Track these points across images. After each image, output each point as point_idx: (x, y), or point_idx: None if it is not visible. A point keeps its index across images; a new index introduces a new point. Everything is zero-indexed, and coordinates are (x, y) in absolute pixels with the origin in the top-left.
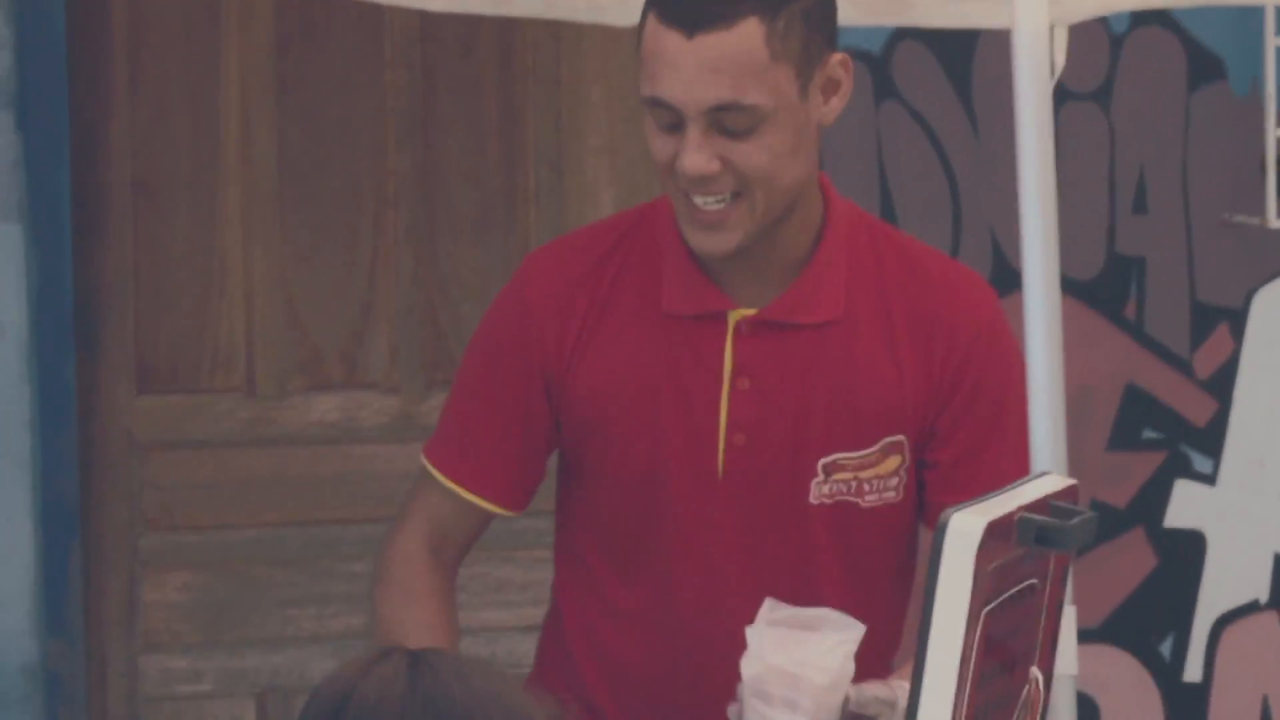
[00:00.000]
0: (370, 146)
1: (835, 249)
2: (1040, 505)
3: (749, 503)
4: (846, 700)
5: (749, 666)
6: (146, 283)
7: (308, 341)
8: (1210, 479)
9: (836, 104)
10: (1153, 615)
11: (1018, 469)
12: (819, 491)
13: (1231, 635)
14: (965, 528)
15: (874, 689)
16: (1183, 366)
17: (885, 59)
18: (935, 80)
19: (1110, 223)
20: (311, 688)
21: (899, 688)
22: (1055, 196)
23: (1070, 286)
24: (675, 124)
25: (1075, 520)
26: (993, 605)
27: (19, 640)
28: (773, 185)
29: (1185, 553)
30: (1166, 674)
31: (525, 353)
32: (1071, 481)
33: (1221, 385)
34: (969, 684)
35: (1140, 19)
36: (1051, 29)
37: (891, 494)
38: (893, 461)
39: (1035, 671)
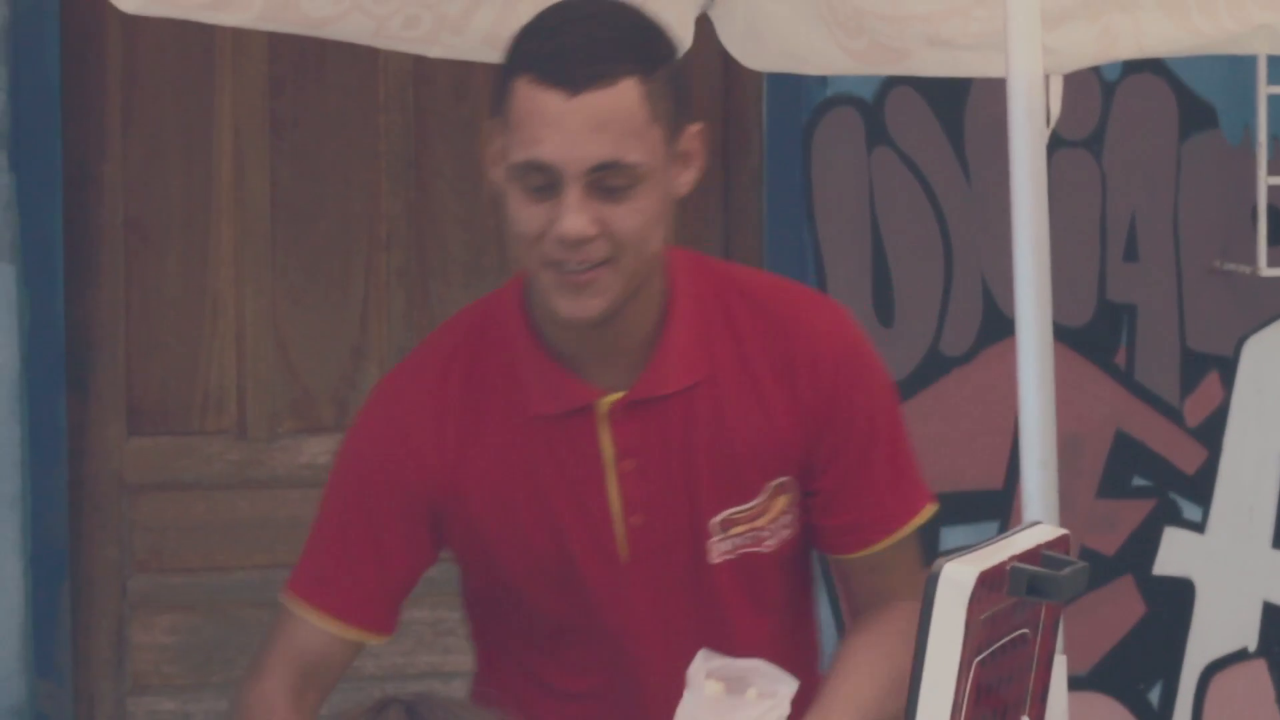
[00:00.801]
0: (363, 188)
1: (686, 312)
2: (1032, 555)
3: (657, 577)
4: None
5: None
6: (138, 323)
7: (299, 383)
8: (1199, 527)
9: (689, 176)
10: (1142, 662)
11: (894, 484)
12: (719, 550)
13: (1220, 683)
14: (957, 577)
15: None
16: (1173, 414)
17: (878, 105)
18: (927, 126)
19: (1101, 270)
20: None
21: None
22: (1049, 245)
23: (1061, 333)
24: (548, 188)
25: (1067, 570)
26: (984, 655)
27: (7, 681)
28: (640, 251)
29: (1174, 600)
30: None
31: (404, 479)
32: (1063, 531)
33: (1211, 433)
34: None
35: (1132, 66)
36: (1046, 78)
37: (787, 531)
38: (782, 501)
39: None
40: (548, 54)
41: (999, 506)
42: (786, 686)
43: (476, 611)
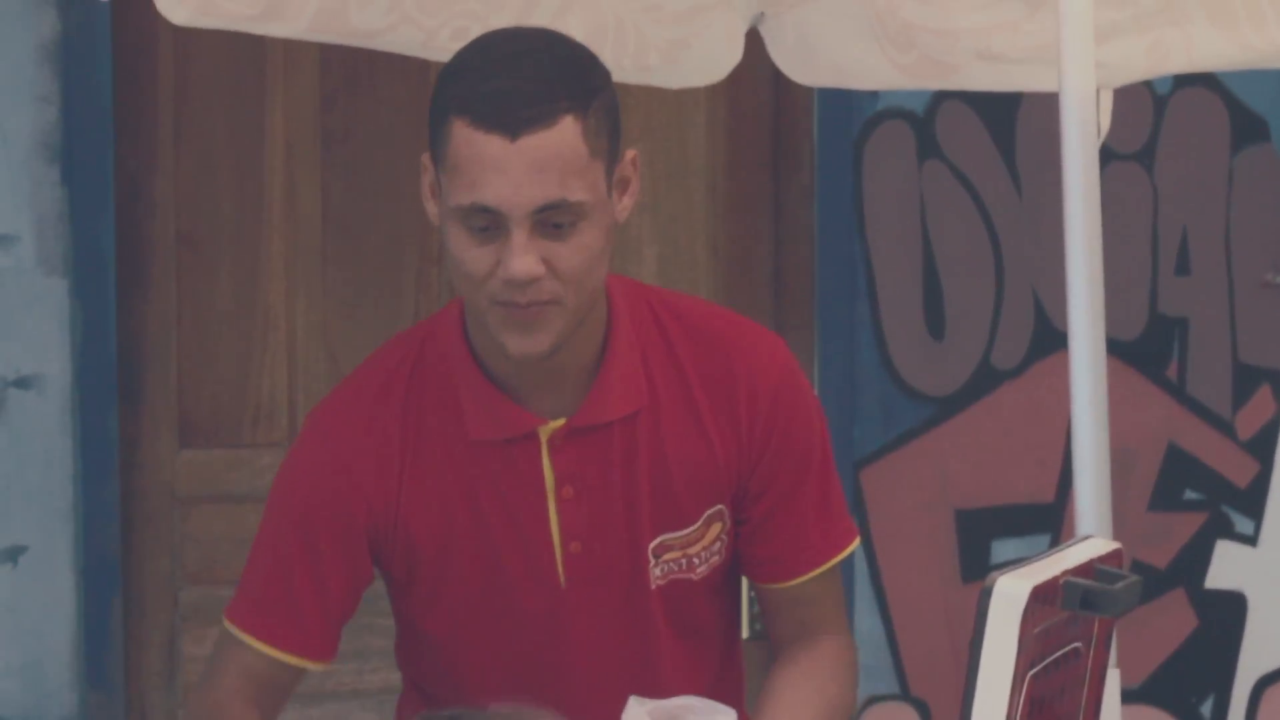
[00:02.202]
0: (414, 201)
1: (626, 339)
2: (1085, 569)
3: (594, 603)
4: None
5: None
6: (189, 336)
7: None
8: (1252, 540)
9: (628, 202)
10: (1194, 676)
11: (822, 517)
12: (654, 575)
13: (1273, 696)
14: (1011, 592)
15: None
16: (1224, 427)
17: (928, 118)
18: (978, 139)
19: (1153, 283)
20: None
21: None
22: (1101, 258)
23: (1112, 346)
24: (492, 229)
25: (1120, 584)
26: (1037, 669)
27: (60, 693)
28: (586, 285)
29: (1226, 613)
30: None
31: (346, 508)
32: (1116, 545)
33: (1263, 446)
34: None
35: (1184, 80)
36: (1098, 92)
37: (717, 558)
38: (715, 530)
39: None
40: (484, 97)
41: (1050, 520)
42: (724, 716)
43: (408, 636)
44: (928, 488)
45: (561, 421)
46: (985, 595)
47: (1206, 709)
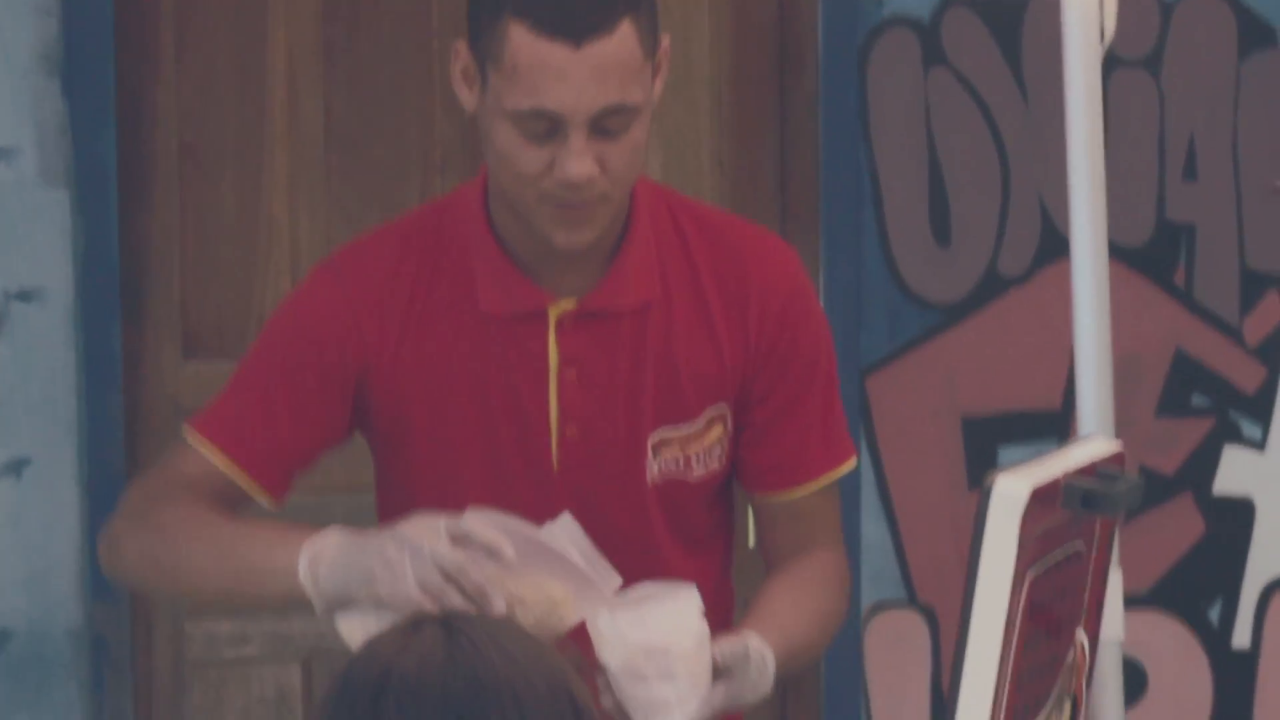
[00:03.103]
0: (417, 113)
1: (644, 231)
2: (1086, 470)
3: (586, 492)
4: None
5: (613, 654)
6: (192, 249)
7: None
8: (1260, 445)
9: (660, 87)
10: (1201, 582)
11: (822, 431)
12: (651, 472)
13: None
14: (1011, 492)
15: (728, 642)
16: (1232, 333)
17: (934, 26)
18: (984, 47)
19: (1160, 189)
20: (343, 669)
21: (747, 635)
22: (1103, 164)
23: (1119, 253)
24: (549, 133)
25: (1121, 485)
26: (1037, 569)
27: (65, 604)
28: (630, 181)
29: (1234, 519)
30: (1215, 640)
31: (343, 345)
32: (1118, 446)
33: (1271, 352)
34: (1013, 647)
35: None
36: None
37: (715, 464)
38: (716, 431)
39: (1080, 635)
40: (546, 2)
41: (1057, 426)
42: (691, 589)
43: (390, 496)
44: (934, 395)
45: (573, 303)
46: (985, 495)
47: (1214, 614)
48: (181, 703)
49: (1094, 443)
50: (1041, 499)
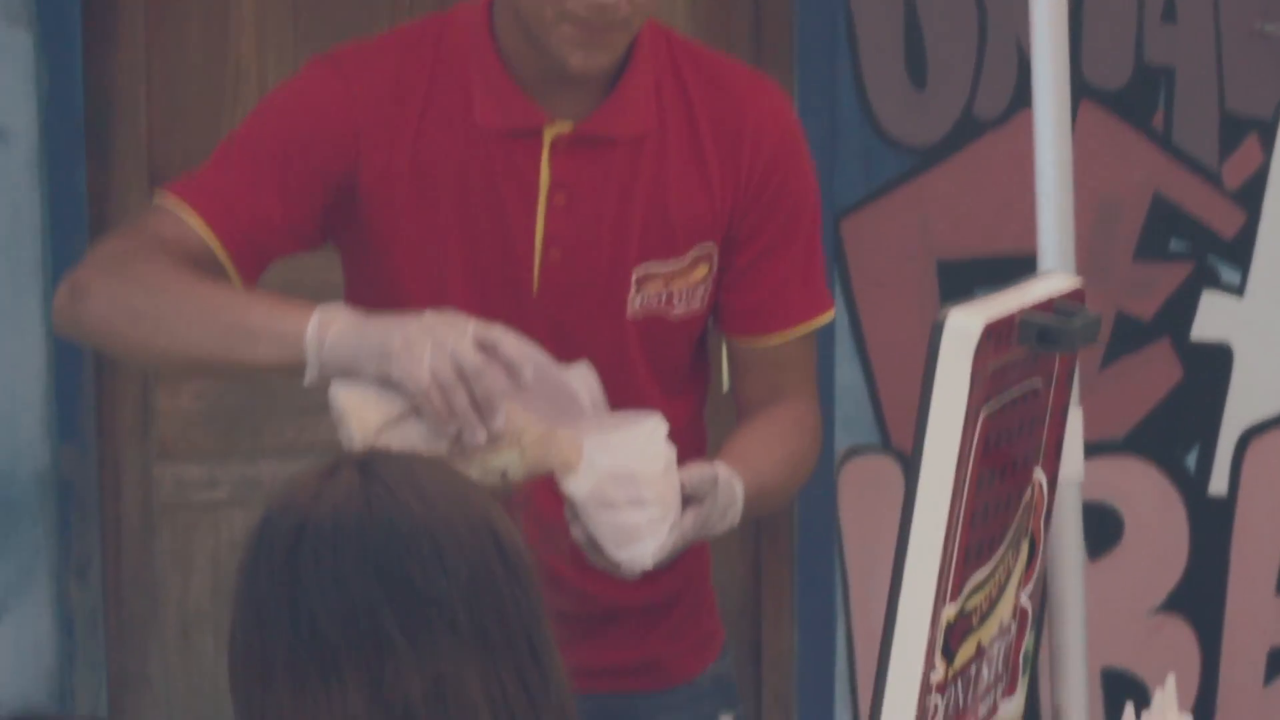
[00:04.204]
0: None
1: (644, 63)
2: (1044, 306)
3: (564, 318)
4: (681, 485)
5: (580, 484)
6: (159, 88)
7: None
8: (1238, 290)
9: None
10: (1178, 428)
11: (803, 279)
12: (632, 305)
13: (1258, 448)
14: (963, 327)
15: (697, 469)
16: (1211, 177)
17: None
18: None
19: (1139, 32)
20: (262, 516)
21: (716, 465)
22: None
23: (1097, 96)
24: None
25: (1079, 321)
26: (991, 407)
27: (31, 446)
28: (651, 12)
29: (1212, 364)
30: (1192, 487)
31: (338, 138)
32: (1078, 282)
33: (1251, 196)
34: (966, 485)
35: None
36: None
37: (697, 304)
38: (701, 270)
39: (1039, 475)
40: None
41: (1032, 271)
42: (656, 415)
43: (362, 298)
44: (909, 238)
45: (569, 126)
46: (936, 330)
47: (1191, 461)
48: (150, 546)
49: (1053, 279)
50: (996, 335)
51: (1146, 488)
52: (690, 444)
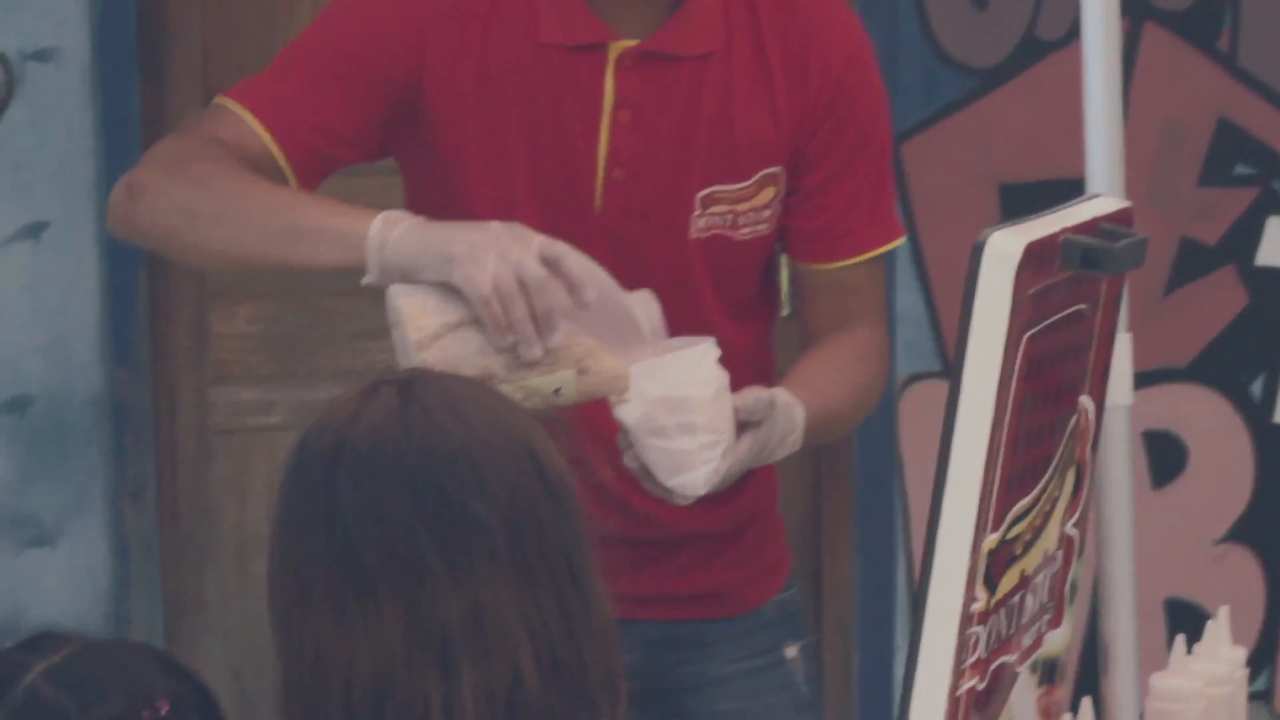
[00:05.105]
0: None
1: None
2: (1089, 227)
3: (626, 237)
4: (734, 410)
5: (630, 410)
6: (213, 7)
7: None
8: None
9: None
10: (1243, 355)
11: (871, 204)
12: (695, 226)
13: None
14: (1003, 248)
15: (752, 393)
16: (1277, 100)
17: None
18: None
19: None
20: (300, 437)
21: (775, 390)
22: None
23: (1161, 17)
24: None
25: (1123, 242)
26: (1035, 330)
27: (86, 371)
28: None
29: (1277, 291)
30: (1256, 415)
31: (403, 47)
32: (1126, 204)
33: None
34: (1008, 411)
35: None
36: None
37: (764, 226)
38: (767, 194)
39: (1085, 400)
40: None
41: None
42: (707, 341)
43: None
44: (970, 161)
45: (634, 42)
46: (976, 252)
47: (1256, 388)
48: (205, 471)
49: (1099, 201)
50: (1038, 257)
51: (1210, 416)
52: (758, 369)
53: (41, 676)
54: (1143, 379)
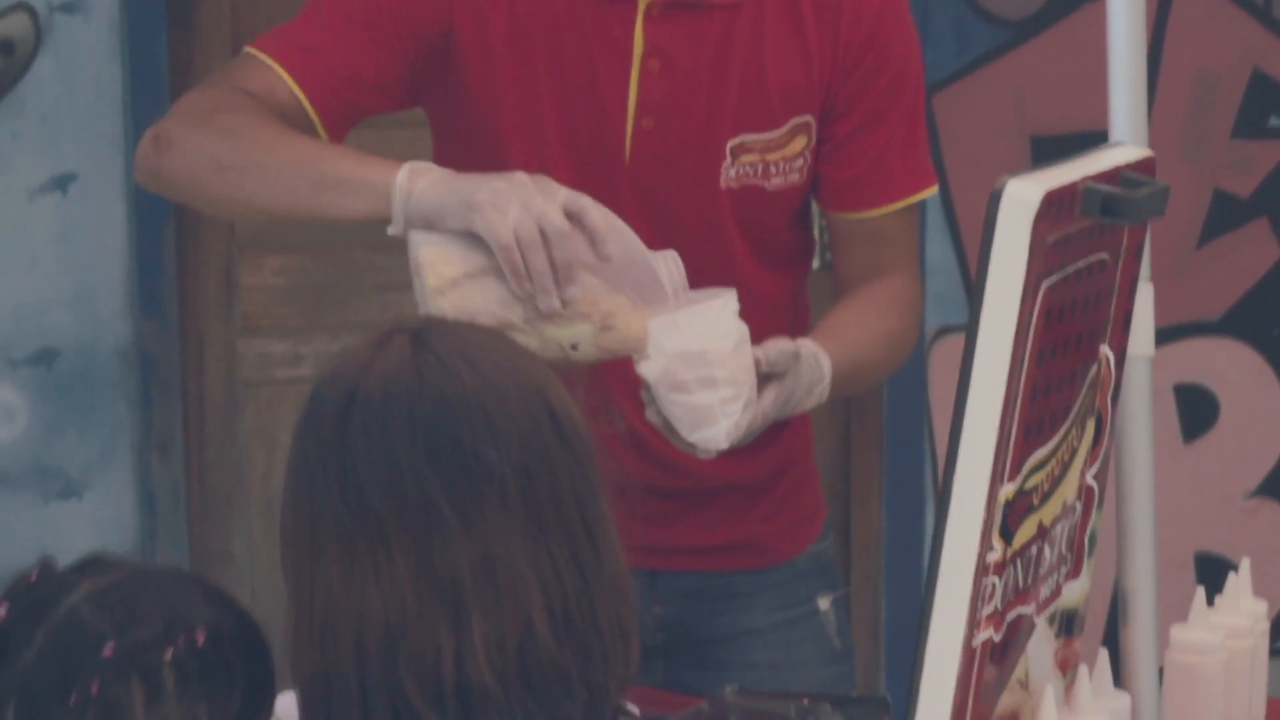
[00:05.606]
0: None
1: None
2: (1110, 175)
3: (655, 187)
4: (756, 362)
5: (650, 366)
6: None
7: None
8: None
9: None
10: (1276, 308)
11: (904, 152)
12: (726, 176)
13: None
14: (1022, 195)
15: (776, 343)
16: None
17: None
18: None
19: None
20: (314, 385)
21: (800, 341)
22: None
23: None
24: None
25: (1145, 191)
26: (1054, 279)
27: (114, 322)
28: None
29: None
30: None
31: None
32: (1148, 153)
33: None
34: (1025, 359)
35: None
36: None
37: (796, 176)
38: (799, 143)
39: (1105, 350)
40: None
41: None
42: (728, 292)
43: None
44: (1003, 113)
45: None
46: (994, 199)
47: None
48: (233, 423)
49: (1121, 149)
50: (1057, 205)
51: (1243, 369)
52: (792, 320)
53: (84, 598)
54: (1174, 332)
